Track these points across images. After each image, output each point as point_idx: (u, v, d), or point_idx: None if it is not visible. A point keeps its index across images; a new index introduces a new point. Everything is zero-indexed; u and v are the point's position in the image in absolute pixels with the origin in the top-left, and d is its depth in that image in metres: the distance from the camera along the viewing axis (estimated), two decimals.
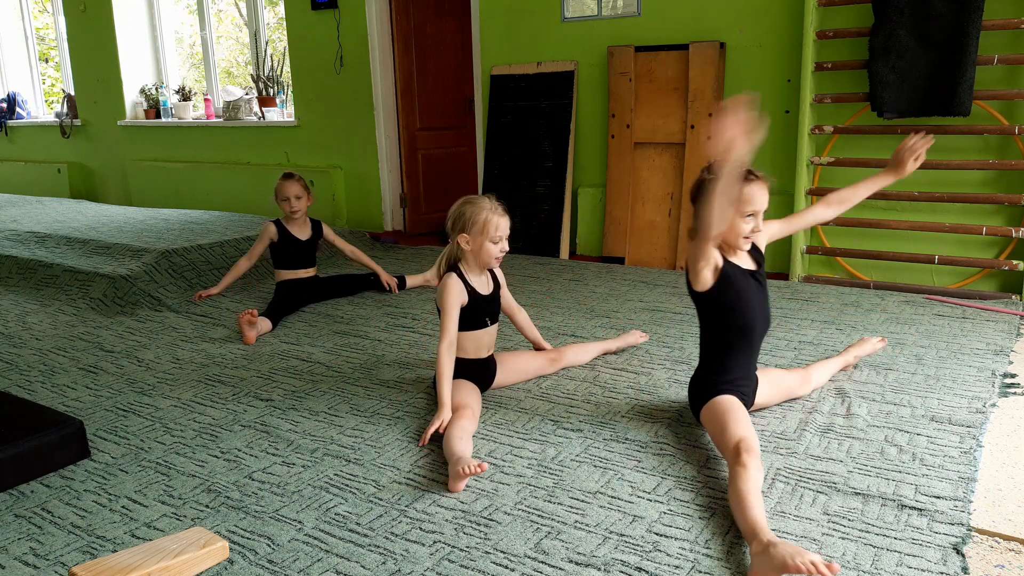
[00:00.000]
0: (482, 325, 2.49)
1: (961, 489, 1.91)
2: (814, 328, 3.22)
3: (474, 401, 2.35)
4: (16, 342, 3.37)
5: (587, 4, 4.76)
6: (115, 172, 7.53)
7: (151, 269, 4.04)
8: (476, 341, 2.50)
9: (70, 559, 1.75)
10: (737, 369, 2.22)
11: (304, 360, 3.02)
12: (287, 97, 6.55)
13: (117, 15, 6.96)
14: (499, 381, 2.62)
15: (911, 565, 1.63)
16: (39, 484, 2.10)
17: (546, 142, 4.94)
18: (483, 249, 2.42)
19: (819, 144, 4.13)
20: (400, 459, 2.17)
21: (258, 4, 6.47)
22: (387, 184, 5.90)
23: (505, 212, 2.44)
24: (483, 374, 2.55)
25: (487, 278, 2.53)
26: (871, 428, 2.26)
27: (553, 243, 4.87)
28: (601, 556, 1.69)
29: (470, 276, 2.46)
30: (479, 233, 2.40)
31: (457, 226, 2.43)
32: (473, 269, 2.48)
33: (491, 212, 2.41)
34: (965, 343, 2.99)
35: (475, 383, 2.48)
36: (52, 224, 5.32)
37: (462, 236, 2.42)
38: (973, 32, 3.50)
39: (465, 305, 2.42)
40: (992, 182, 3.76)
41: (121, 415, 2.54)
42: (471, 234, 2.41)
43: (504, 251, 2.46)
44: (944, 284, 3.89)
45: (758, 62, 4.27)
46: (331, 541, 1.78)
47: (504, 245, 2.45)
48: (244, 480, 2.08)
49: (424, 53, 5.83)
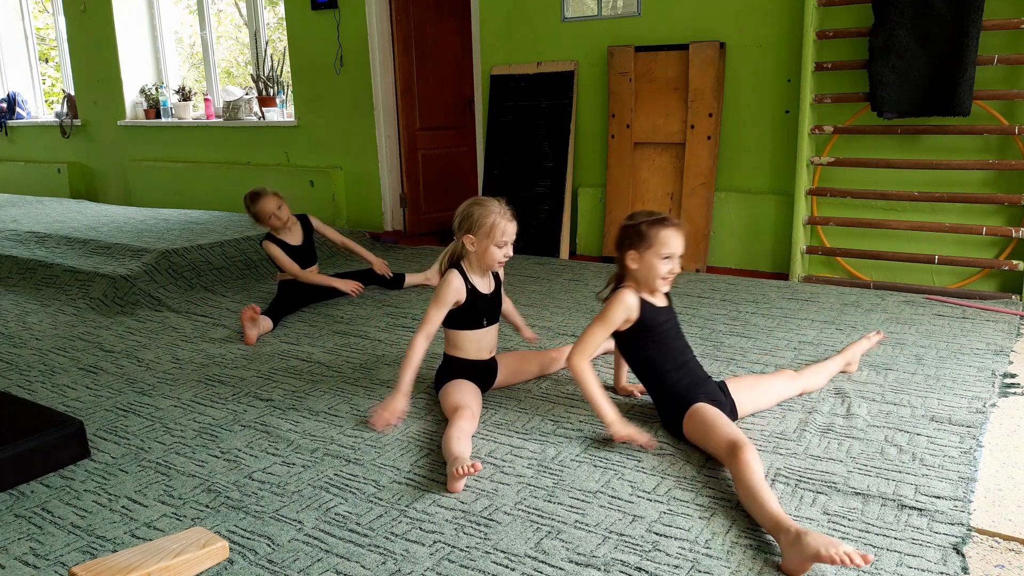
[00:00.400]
0: (479, 325, 2.48)
1: (961, 489, 1.91)
2: (814, 328, 3.22)
3: (474, 402, 2.35)
4: (16, 342, 3.37)
5: (587, 4, 4.76)
6: (115, 172, 7.53)
7: (151, 269, 4.04)
8: (476, 342, 2.50)
9: (70, 559, 1.75)
10: (687, 377, 2.25)
11: (304, 360, 3.02)
12: (287, 97, 6.55)
13: (117, 15, 6.97)
14: (500, 381, 2.63)
15: (911, 565, 1.63)
16: (39, 484, 2.10)
17: (546, 142, 4.94)
18: (488, 252, 2.42)
19: (819, 144, 4.13)
20: (400, 459, 2.17)
21: (258, 4, 6.47)
22: (387, 184, 5.90)
23: (513, 217, 2.44)
24: (484, 375, 2.55)
25: (489, 279, 2.53)
26: (871, 428, 2.26)
27: (553, 243, 4.88)
28: (601, 556, 1.69)
29: (471, 275, 2.46)
30: (485, 236, 2.40)
31: (464, 226, 2.43)
32: (475, 269, 2.48)
33: (499, 216, 2.40)
34: (965, 343, 2.99)
35: (476, 383, 2.48)
36: (52, 224, 5.32)
37: (468, 237, 2.42)
38: (973, 32, 3.50)
39: (463, 303, 2.43)
40: (992, 182, 3.76)
41: (121, 415, 2.54)
42: (477, 236, 2.41)
43: (508, 256, 2.46)
44: (944, 284, 3.89)
45: (758, 62, 4.27)
46: (331, 541, 1.79)
47: (509, 250, 2.45)
48: (244, 480, 2.08)
49: (424, 53, 5.83)
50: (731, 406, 2.27)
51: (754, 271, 4.42)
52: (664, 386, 2.26)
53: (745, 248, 4.44)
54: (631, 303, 2.24)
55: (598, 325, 2.25)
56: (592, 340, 2.25)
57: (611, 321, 2.24)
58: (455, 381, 2.44)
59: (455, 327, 2.48)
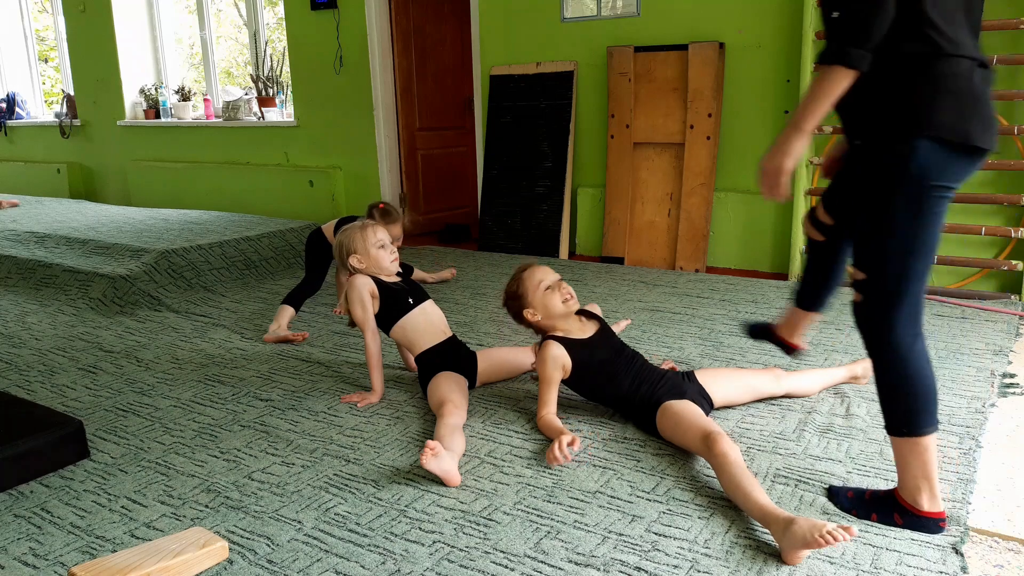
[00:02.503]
0: (408, 307, 2.57)
1: (960, 489, 1.92)
2: (814, 328, 3.22)
3: (457, 395, 2.37)
4: (16, 342, 3.37)
5: (586, 4, 4.76)
6: (115, 172, 7.53)
7: (151, 269, 4.04)
8: (421, 324, 2.58)
9: (69, 559, 1.75)
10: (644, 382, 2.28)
11: (304, 360, 3.02)
12: (287, 97, 6.55)
13: (117, 15, 6.96)
14: (485, 371, 2.66)
15: (911, 564, 1.63)
16: (39, 484, 2.10)
17: (546, 142, 4.94)
18: (376, 259, 2.57)
19: (819, 144, 4.13)
20: (400, 459, 2.17)
21: (258, 4, 6.47)
22: (387, 184, 5.89)
23: (382, 221, 2.65)
24: (459, 359, 2.58)
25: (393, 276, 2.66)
26: (871, 428, 2.27)
27: (553, 243, 4.88)
28: (600, 556, 1.69)
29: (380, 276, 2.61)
30: (364, 250, 2.57)
31: (343, 254, 2.60)
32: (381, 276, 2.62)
33: (361, 229, 2.58)
34: (964, 343, 2.99)
35: (457, 371, 2.51)
36: (52, 224, 5.32)
37: (352, 258, 2.57)
38: None
39: (379, 297, 2.54)
40: (991, 182, 3.76)
41: (121, 415, 2.54)
42: (360, 254, 2.57)
43: (394, 253, 2.62)
44: (943, 284, 3.89)
45: (757, 62, 4.27)
46: (331, 541, 1.79)
47: (392, 248, 2.62)
48: (244, 480, 2.08)
49: (424, 53, 5.83)
50: (699, 392, 2.28)
51: (754, 271, 4.42)
52: (627, 400, 2.29)
53: (745, 248, 4.44)
54: (557, 353, 2.30)
55: (543, 386, 2.31)
56: (546, 399, 2.31)
57: (550, 379, 2.30)
58: (436, 376, 2.47)
59: (394, 322, 2.57)
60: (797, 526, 1.60)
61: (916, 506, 1.74)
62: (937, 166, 1.56)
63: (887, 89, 1.58)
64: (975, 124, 1.56)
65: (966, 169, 1.61)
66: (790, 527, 1.61)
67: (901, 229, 1.61)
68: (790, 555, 1.62)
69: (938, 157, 1.56)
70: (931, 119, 1.54)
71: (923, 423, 1.68)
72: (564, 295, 2.34)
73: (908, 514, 1.75)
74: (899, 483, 1.77)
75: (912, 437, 1.69)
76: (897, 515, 1.76)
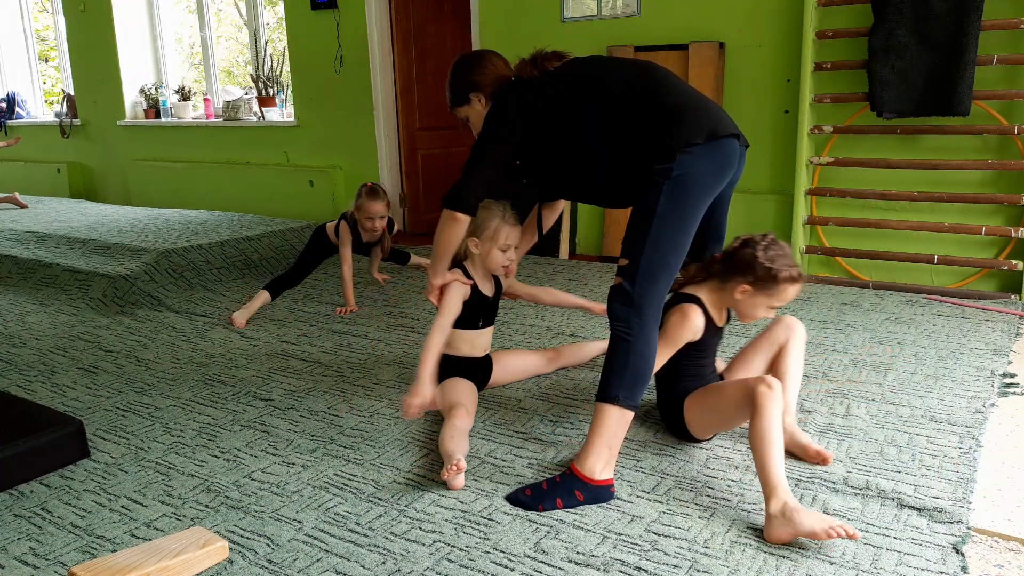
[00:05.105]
0: (475, 326, 2.50)
1: (960, 489, 1.92)
2: (814, 328, 3.22)
3: (468, 400, 2.35)
4: (16, 342, 3.37)
5: (587, 4, 4.76)
6: (115, 172, 7.53)
7: (151, 269, 4.04)
8: (470, 342, 2.51)
9: (70, 559, 1.75)
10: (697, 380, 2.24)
11: (304, 360, 3.02)
12: (287, 97, 6.55)
13: (117, 15, 6.96)
14: (496, 379, 2.63)
15: (911, 564, 1.63)
16: (39, 484, 2.10)
17: None
18: (491, 255, 2.45)
19: (819, 144, 4.13)
20: (400, 459, 2.17)
21: (258, 4, 6.47)
22: (387, 184, 5.89)
23: (517, 222, 2.48)
24: (478, 372, 2.56)
25: (491, 282, 2.54)
26: (870, 428, 2.27)
27: (553, 243, 4.87)
28: (600, 555, 1.69)
29: (475, 275, 2.48)
30: (489, 239, 2.43)
31: (468, 229, 2.43)
32: (478, 271, 2.49)
33: (502, 221, 2.43)
34: (964, 343, 2.99)
35: (471, 380, 2.48)
36: (52, 224, 5.32)
37: (472, 239, 2.44)
38: (973, 32, 3.50)
39: (465, 301, 2.43)
40: (991, 182, 3.76)
41: (121, 415, 2.54)
42: (481, 239, 2.44)
43: (511, 259, 2.49)
44: (943, 284, 3.89)
45: (758, 62, 4.27)
46: (331, 541, 1.79)
47: (512, 253, 2.48)
48: (244, 480, 2.08)
49: (424, 53, 5.83)
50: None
51: None
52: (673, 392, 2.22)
53: None
54: (700, 325, 2.10)
55: (663, 346, 2.07)
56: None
57: (679, 340, 2.11)
58: (450, 379, 2.45)
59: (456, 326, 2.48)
60: (804, 515, 1.66)
61: (592, 476, 1.88)
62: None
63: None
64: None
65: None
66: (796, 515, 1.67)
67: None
68: (780, 533, 1.69)
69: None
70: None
71: (638, 397, 1.89)
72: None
73: (587, 487, 1.87)
74: (582, 455, 1.91)
75: (625, 408, 1.87)
76: (578, 491, 1.87)
